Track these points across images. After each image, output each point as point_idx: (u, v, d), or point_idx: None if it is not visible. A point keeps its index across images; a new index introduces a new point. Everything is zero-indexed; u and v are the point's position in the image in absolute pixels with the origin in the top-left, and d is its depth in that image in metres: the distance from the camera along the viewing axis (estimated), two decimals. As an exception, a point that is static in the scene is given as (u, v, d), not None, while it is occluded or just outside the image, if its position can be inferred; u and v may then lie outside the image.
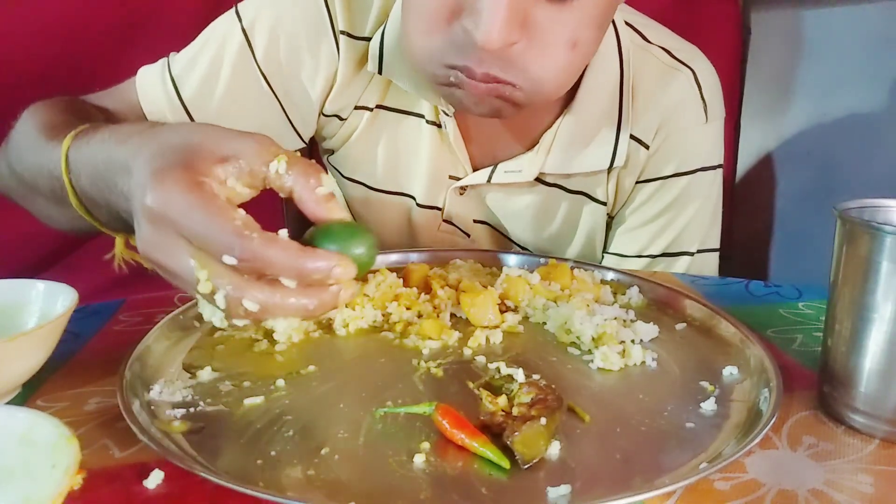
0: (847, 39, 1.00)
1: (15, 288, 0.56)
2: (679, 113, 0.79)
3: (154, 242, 0.41)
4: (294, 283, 0.41)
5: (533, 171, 0.78)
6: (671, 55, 0.80)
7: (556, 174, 0.80)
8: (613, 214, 0.86)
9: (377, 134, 0.82)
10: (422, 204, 0.85)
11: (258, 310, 0.41)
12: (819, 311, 0.67)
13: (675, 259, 0.85)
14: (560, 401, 0.48)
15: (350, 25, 0.76)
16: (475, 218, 0.86)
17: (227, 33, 0.77)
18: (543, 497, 0.40)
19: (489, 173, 0.80)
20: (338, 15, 0.76)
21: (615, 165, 0.78)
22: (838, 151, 1.01)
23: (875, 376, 0.46)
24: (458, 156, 0.80)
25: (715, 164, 0.83)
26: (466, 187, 0.83)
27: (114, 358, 0.52)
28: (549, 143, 0.77)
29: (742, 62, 1.20)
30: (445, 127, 0.78)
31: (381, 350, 0.59)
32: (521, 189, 0.82)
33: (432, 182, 0.83)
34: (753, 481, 0.42)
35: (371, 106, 0.80)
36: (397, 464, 0.43)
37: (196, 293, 0.41)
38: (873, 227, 0.45)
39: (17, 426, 0.39)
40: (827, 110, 1.04)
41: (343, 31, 0.76)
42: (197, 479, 0.40)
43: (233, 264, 0.40)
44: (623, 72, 0.76)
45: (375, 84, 0.79)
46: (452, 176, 0.82)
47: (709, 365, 0.56)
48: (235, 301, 0.40)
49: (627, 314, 0.63)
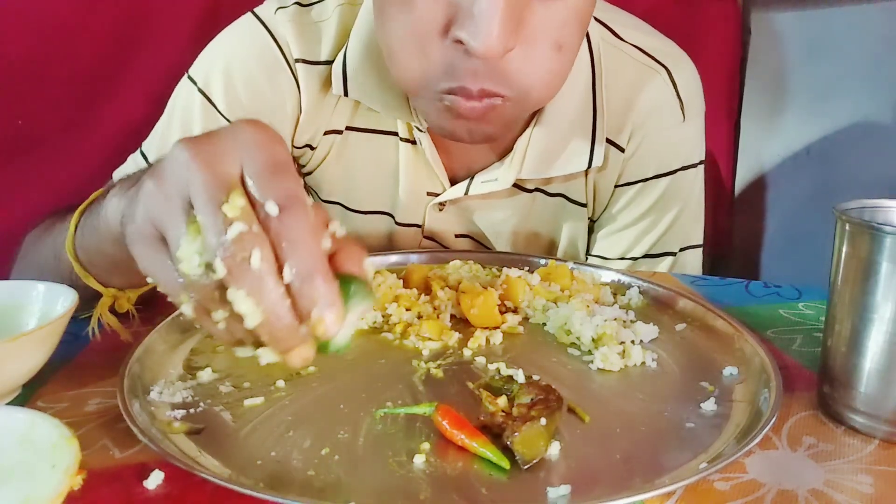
0: (847, 40, 1.00)
1: (15, 288, 0.56)
2: (655, 115, 0.78)
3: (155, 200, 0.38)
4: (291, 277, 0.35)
5: (509, 178, 0.76)
6: (646, 54, 0.78)
7: (534, 179, 0.78)
8: (595, 219, 0.85)
9: (350, 155, 0.80)
10: (401, 222, 0.83)
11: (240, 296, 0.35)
12: (819, 311, 0.67)
13: (658, 260, 0.84)
14: (560, 401, 0.48)
15: (304, 52, 0.74)
16: (456, 233, 0.85)
17: (188, 99, 0.76)
18: (543, 497, 0.40)
19: (466, 186, 0.78)
20: (289, 45, 0.74)
21: (593, 166, 0.76)
22: (838, 152, 1.01)
23: (875, 376, 0.46)
24: (435, 171, 0.78)
25: (696, 162, 0.82)
26: (445, 203, 0.81)
27: (114, 358, 0.52)
28: (524, 148, 0.75)
29: (742, 62, 1.20)
30: (420, 143, 0.76)
31: (381, 351, 0.59)
32: (501, 198, 0.80)
33: (410, 200, 0.81)
34: (753, 481, 0.42)
35: (341, 129, 0.78)
36: (397, 464, 0.43)
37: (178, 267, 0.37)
38: (873, 227, 0.45)
39: (17, 426, 0.39)
40: (827, 111, 1.04)
41: (298, 58, 0.75)
42: (197, 480, 0.40)
43: (274, 212, 0.35)
44: (594, 71, 0.74)
45: (343, 106, 0.77)
46: (430, 192, 0.81)
47: (709, 365, 0.56)
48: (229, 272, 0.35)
49: (627, 315, 0.63)
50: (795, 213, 1.09)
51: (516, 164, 0.76)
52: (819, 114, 1.05)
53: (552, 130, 0.74)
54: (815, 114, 1.06)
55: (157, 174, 0.38)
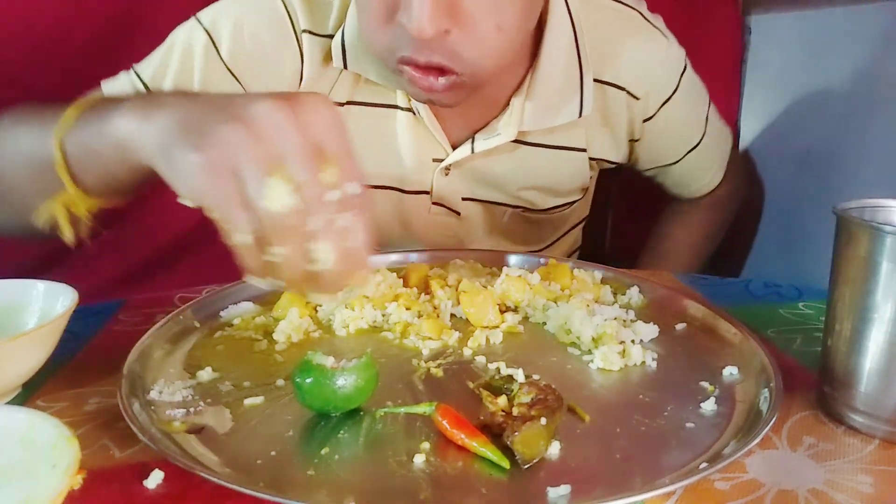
0: (847, 39, 1.00)
1: (15, 288, 0.56)
2: (646, 51, 0.84)
3: (240, 139, 0.43)
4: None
5: (511, 131, 0.80)
6: (618, 1, 0.84)
7: (536, 132, 0.82)
8: (633, 160, 0.93)
9: (351, 130, 0.82)
10: (409, 190, 0.87)
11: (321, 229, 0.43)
12: (819, 311, 0.67)
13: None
14: (560, 401, 0.48)
15: (311, 24, 0.78)
16: (464, 195, 0.88)
17: (191, 35, 0.78)
18: (543, 497, 0.40)
19: (470, 145, 0.82)
20: (298, 15, 0.78)
21: (584, 114, 0.81)
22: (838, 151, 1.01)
23: (875, 376, 0.46)
24: (436, 136, 0.82)
25: (684, 64, 0.87)
26: (451, 167, 0.85)
27: (114, 358, 0.52)
28: (522, 102, 0.80)
29: (742, 62, 1.20)
30: (419, 112, 0.80)
31: (381, 350, 0.59)
32: (504, 153, 0.84)
33: (417, 167, 0.84)
34: (753, 481, 0.42)
35: (342, 101, 0.82)
36: (397, 464, 0.43)
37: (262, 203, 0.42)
38: (873, 227, 0.45)
39: (17, 426, 0.39)
40: (827, 110, 1.03)
41: (305, 29, 0.78)
42: (197, 479, 0.40)
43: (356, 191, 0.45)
44: (575, 28, 0.80)
45: (344, 80, 0.81)
46: (436, 159, 0.84)
47: (709, 365, 0.56)
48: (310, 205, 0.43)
49: (627, 314, 0.63)
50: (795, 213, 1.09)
51: (516, 118, 0.80)
52: (819, 114, 1.05)
53: (544, 85, 0.79)
54: (815, 114, 1.06)
55: (240, 117, 0.43)
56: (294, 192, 0.42)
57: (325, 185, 0.43)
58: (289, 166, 0.43)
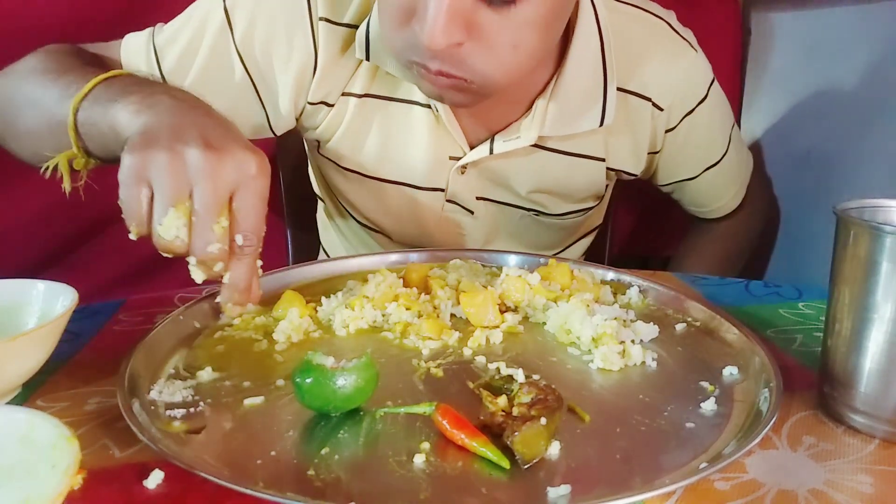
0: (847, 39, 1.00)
1: (15, 288, 0.56)
2: (672, 61, 0.84)
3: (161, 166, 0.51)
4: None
5: (531, 135, 0.80)
6: (642, 10, 0.85)
7: (555, 137, 0.82)
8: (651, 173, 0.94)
9: (368, 122, 0.83)
10: (424, 187, 0.86)
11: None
12: (819, 311, 0.67)
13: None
14: (560, 401, 0.48)
15: (330, 12, 0.78)
16: (478, 195, 0.88)
17: (210, 10, 0.78)
18: (543, 497, 0.40)
19: (489, 146, 0.82)
20: (317, 2, 0.78)
21: (606, 123, 0.81)
22: (838, 151, 1.01)
23: (875, 376, 0.46)
24: (454, 135, 0.81)
25: (711, 77, 0.88)
26: (467, 166, 0.84)
27: (114, 358, 0.52)
28: (545, 106, 0.79)
29: (742, 62, 1.20)
30: (437, 109, 0.80)
31: (381, 350, 0.59)
32: (522, 156, 0.84)
33: (433, 165, 0.84)
34: (753, 481, 0.42)
35: (360, 93, 0.81)
36: (397, 464, 0.43)
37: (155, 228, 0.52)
38: (873, 227, 0.45)
39: (17, 426, 0.39)
40: (827, 110, 1.03)
41: (323, 17, 0.78)
42: (197, 479, 0.40)
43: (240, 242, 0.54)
44: (602, 37, 0.79)
45: (363, 72, 0.81)
46: (452, 157, 0.84)
47: (709, 365, 0.56)
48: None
49: (627, 314, 0.63)
50: (795, 212, 1.09)
51: (537, 122, 0.79)
52: (819, 114, 1.05)
53: (569, 91, 0.79)
54: (815, 114, 1.06)
55: (176, 151, 0.52)
56: (184, 226, 0.51)
57: (214, 231, 0.52)
58: (190, 204, 0.52)
